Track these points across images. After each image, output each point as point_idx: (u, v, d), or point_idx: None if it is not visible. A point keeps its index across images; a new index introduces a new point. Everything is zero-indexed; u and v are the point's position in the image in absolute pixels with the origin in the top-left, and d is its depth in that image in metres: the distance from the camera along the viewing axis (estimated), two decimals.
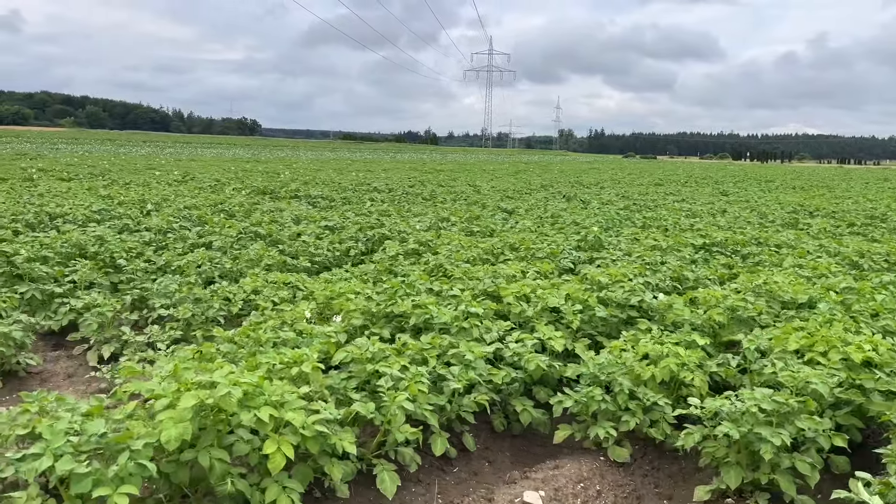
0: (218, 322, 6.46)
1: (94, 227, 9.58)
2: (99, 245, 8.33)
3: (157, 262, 7.77)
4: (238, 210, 11.24)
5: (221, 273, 7.53)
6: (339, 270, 7.83)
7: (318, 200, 13.95)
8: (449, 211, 11.58)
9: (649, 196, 17.84)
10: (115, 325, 6.38)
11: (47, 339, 6.70)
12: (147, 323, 6.61)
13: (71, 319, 6.58)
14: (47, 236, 8.20)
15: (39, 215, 9.68)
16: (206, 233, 9.33)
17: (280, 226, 9.68)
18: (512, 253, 7.97)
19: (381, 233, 9.33)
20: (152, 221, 9.84)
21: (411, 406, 3.84)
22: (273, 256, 8.02)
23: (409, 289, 6.12)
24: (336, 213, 10.76)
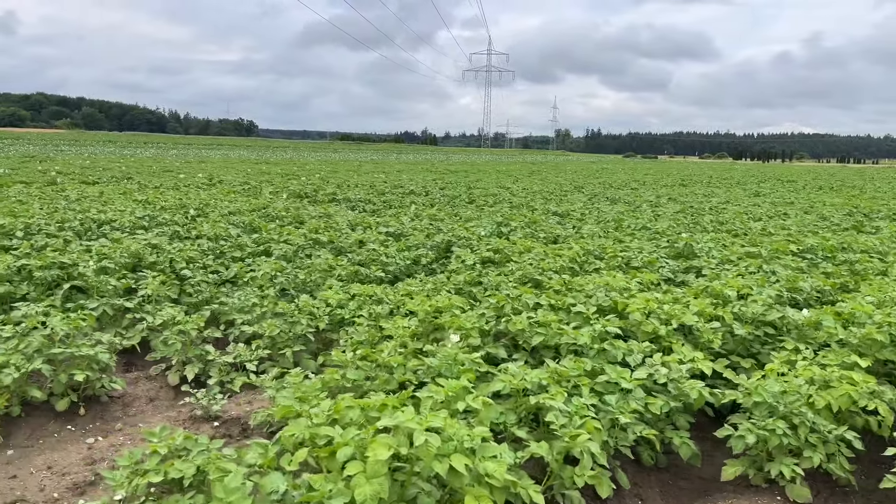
0: (307, 339, 6.01)
1: (142, 234, 9.11)
2: (157, 254, 7.87)
3: (223, 273, 7.30)
4: (286, 215, 10.77)
5: (295, 286, 7.07)
6: (413, 280, 7.38)
7: (357, 204, 13.49)
8: (502, 215, 11.13)
9: (687, 197, 17.41)
10: (195, 344, 5.91)
11: (118, 358, 6.23)
12: (228, 341, 6.17)
13: (143, 336, 6.13)
14: (105, 245, 7.72)
15: (86, 222, 9.19)
16: (263, 240, 8.86)
17: (338, 232, 9.22)
18: (598, 261, 7.53)
19: (446, 239, 8.87)
20: (203, 228, 9.36)
21: (597, 448, 3.40)
22: (344, 266, 7.56)
23: (515, 302, 5.68)
24: (392, 219, 10.30)
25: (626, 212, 12.22)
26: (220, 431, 4.96)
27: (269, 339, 5.92)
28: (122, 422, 5.20)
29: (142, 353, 6.07)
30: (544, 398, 3.71)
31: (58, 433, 4.92)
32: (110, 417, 5.24)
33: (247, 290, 6.53)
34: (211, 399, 5.04)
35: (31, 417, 4.94)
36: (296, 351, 5.89)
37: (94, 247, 7.92)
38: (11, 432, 4.78)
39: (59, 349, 5.01)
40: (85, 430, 5.01)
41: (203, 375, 5.62)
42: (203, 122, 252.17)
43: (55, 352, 4.99)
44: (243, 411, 5.20)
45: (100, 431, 5.02)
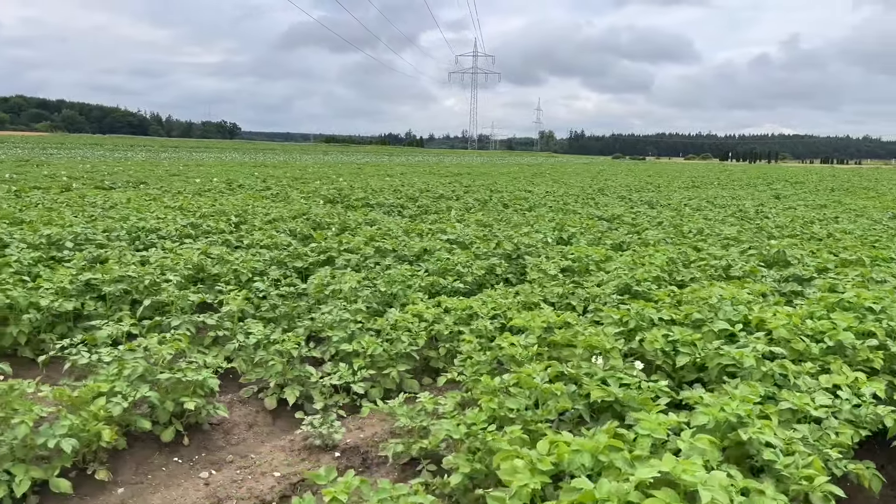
0: (411, 358, 5.63)
1: (191, 242, 8.66)
2: (219, 265, 7.43)
3: (299, 286, 6.87)
4: (331, 222, 10.34)
5: (379, 299, 6.66)
6: (494, 292, 6.99)
7: (392, 209, 13.08)
8: (553, 220, 10.78)
9: (717, 199, 17.18)
10: (293, 364, 5.49)
11: None
12: (322, 360, 5.78)
13: (226, 356, 5.72)
14: (165, 256, 7.27)
15: (132, 231, 8.71)
16: (321, 249, 8.44)
17: (395, 239, 8.82)
18: (685, 270, 7.20)
19: (514, 247, 8.49)
20: (254, 236, 8.93)
21: (835, 490, 3.06)
22: (422, 277, 7.17)
23: (641, 319, 5.33)
24: (445, 225, 9.90)
25: (675, 216, 11.92)
26: (343, 463, 4.57)
27: (368, 358, 5.53)
28: (228, 451, 4.79)
29: (224, 374, 5.65)
30: (754, 432, 3.36)
31: (165, 466, 4.50)
32: (214, 447, 4.82)
33: (337, 303, 6.12)
34: (329, 426, 4.65)
35: (134, 449, 4.52)
36: (401, 371, 5.51)
37: (152, 257, 7.47)
38: (117, 467, 4.36)
39: (166, 374, 4.60)
40: (193, 463, 4.60)
41: (307, 399, 5.24)
42: (185, 125, 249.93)
43: (162, 377, 4.58)
44: (358, 439, 4.80)
45: (209, 463, 4.61)
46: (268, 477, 4.28)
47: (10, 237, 7.98)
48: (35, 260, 7.01)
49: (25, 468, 3.79)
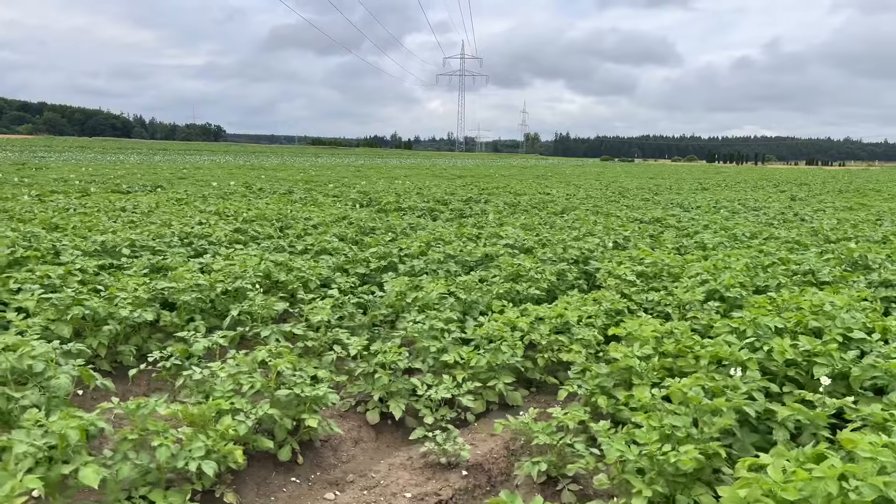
0: (514, 369, 5.44)
1: (242, 248, 8.40)
2: (285, 272, 7.19)
3: (377, 294, 6.64)
4: (378, 226, 10.12)
5: (463, 307, 6.46)
6: (570, 298, 6.81)
7: (424, 213, 12.86)
8: (603, 225, 10.61)
9: (741, 202, 17.11)
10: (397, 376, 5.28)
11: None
12: (418, 372, 5.58)
13: (322, 367, 5.49)
14: (232, 263, 7.01)
15: (185, 237, 8.43)
16: (381, 254, 8.21)
17: (450, 244, 8.60)
18: (764, 274, 7.05)
19: (581, 252, 8.31)
20: (306, 241, 8.68)
21: None
22: (498, 284, 6.97)
23: (756, 328, 5.17)
24: (499, 230, 9.70)
25: (717, 219, 11.78)
26: (470, 482, 4.37)
27: (470, 369, 5.34)
28: (342, 469, 4.59)
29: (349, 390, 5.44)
30: None
31: (285, 487, 4.29)
32: (326, 465, 4.62)
33: (414, 312, 5.90)
34: (453, 443, 4.44)
35: (252, 469, 4.30)
36: (507, 383, 5.32)
37: (214, 264, 7.22)
38: (239, 489, 4.13)
39: (284, 390, 4.38)
40: (311, 483, 4.39)
41: (413, 412, 5.05)
42: (169, 127, 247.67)
43: (281, 394, 4.36)
44: (477, 456, 4.59)
45: (329, 484, 4.40)
46: (399, 499, 4.07)
47: (60, 244, 7.68)
48: (98, 267, 6.73)
49: (163, 494, 3.57)
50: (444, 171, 40.74)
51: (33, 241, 7.85)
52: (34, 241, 7.87)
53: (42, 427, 3.39)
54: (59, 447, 3.35)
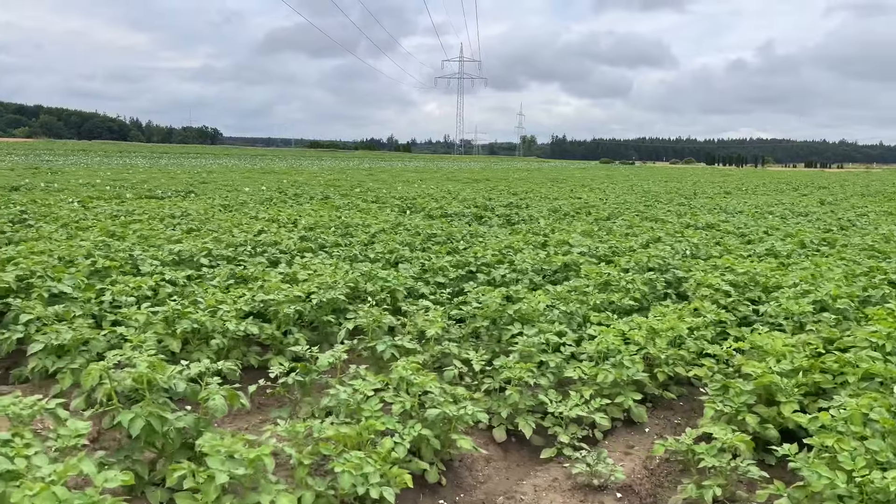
0: (639, 384, 5.29)
1: (312, 256, 8.24)
2: (371, 282, 7.03)
3: (472, 304, 6.47)
4: (435, 233, 9.97)
5: (564, 319, 6.29)
6: (663, 308, 6.66)
7: (471, 219, 12.71)
8: (664, 231, 10.47)
9: (774, 206, 17.01)
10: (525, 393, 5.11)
11: None
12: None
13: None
14: (319, 273, 6.84)
15: (257, 245, 8.26)
16: (458, 263, 8.06)
17: (520, 252, 8.46)
18: (863, 285, 6.93)
19: (661, 261, 8.17)
20: (376, 249, 8.52)
21: None
22: (593, 294, 6.82)
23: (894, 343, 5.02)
24: (565, 237, 9.54)
25: (778, 225, 11.65)
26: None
27: (595, 385, 5.18)
28: (483, 491, 4.44)
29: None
30: None
31: None
32: (466, 485, 4.47)
33: (540, 326, 5.75)
34: (604, 464, 4.29)
35: (401, 493, 4.13)
36: (635, 400, 5.16)
37: (298, 274, 7.06)
38: None
39: (434, 410, 4.23)
40: None
41: (555, 441, 4.88)
42: (166, 130, 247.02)
43: (431, 413, 4.21)
44: (624, 477, 4.43)
45: None
46: None
47: (138, 254, 7.51)
48: (186, 278, 6.56)
49: None
50: (454, 174, 40.59)
51: (103, 249, 7.68)
52: (104, 249, 7.69)
53: (227, 453, 3.24)
54: (246, 475, 3.20)
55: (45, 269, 6.51)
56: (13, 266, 6.41)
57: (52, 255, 7.15)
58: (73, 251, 7.27)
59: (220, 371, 4.54)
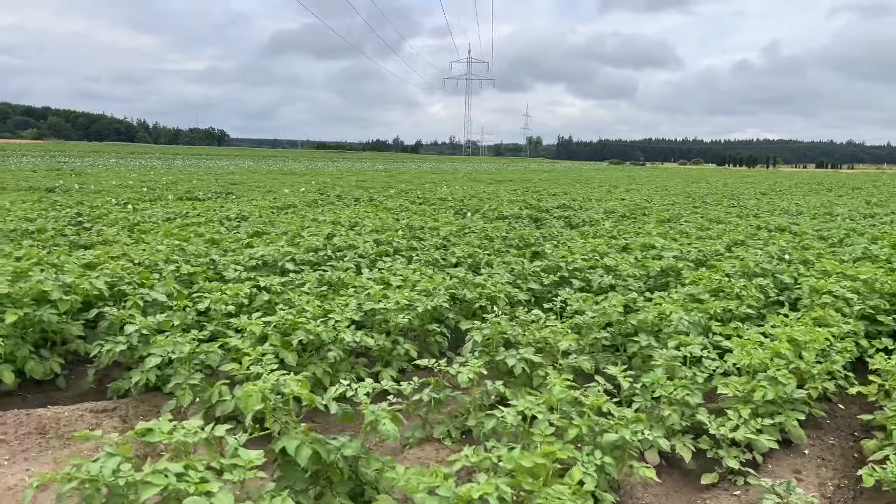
0: (800, 403, 4.88)
1: (390, 261, 7.84)
2: (470, 288, 6.63)
3: (585, 313, 6.06)
4: (507, 235, 9.57)
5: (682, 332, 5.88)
6: (787, 318, 6.23)
7: (528, 221, 12.31)
8: (744, 234, 10.05)
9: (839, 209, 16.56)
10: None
11: None
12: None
13: None
14: (418, 280, 6.44)
15: (336, 249, 7.88)
16: (547, 267, 7.66)
17: (607, 257, 8.05)
18: None
19: (761, 268, 7.75)
20: (456, 252, 8.12)
21: None
22: (711, 303, 6.40)
23: None
24: (648, 240, 9.13)
25: (844, 226, 11.20)
26: None
27: (751, 403, 4.77)
28: None
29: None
30: None
31: None
32: None
33: (680, 339, 5.33)
34: (795, 494, 3.88)
35: None
36: (798, 420, 4.75)
37: (391, 281, 6.66)
38: None
39: (612, 435, 3.82)
40: None
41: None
42: (172, 132, 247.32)
43: (608, 439, 3.81)
44: None
45: None
46: None
47: (220, 260, 7.13)
48: (280, 285, 6.17)
49: None
50: (474, 175, 40.18)
51: (179, 254, 7.30)
52: (180, 254, 7.32)
53: (426, 488, 2.87)
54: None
55: (132, 274, 6.13)
56: (97, 272, 6.03)
57: (130, 261, 6.77)
58: (153, 256, 6.89)
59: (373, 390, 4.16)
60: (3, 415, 4.59)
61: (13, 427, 4.51)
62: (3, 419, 4.55)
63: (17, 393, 5.27)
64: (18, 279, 5.50)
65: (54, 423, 4.67)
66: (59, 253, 6.52)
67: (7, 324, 4.90)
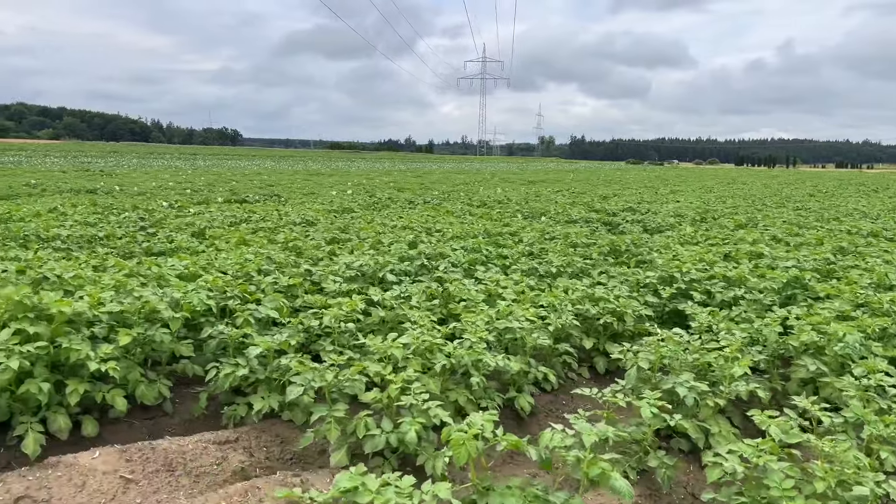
0: None
1: (483, 270, 7.30)
2: (591, 303, 6.08)
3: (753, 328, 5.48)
4: (593, 241, 9.01)
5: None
6: None
7: (597, 225, 11.75)
8: (847, 241, 9.43)
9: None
10: None
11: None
12: None
13: None
14: (536, 295, 5.89)
15: (430, 258, 7.35)
16: (663, 279, 7.09)
17: (713, 266, 7.47)
18: None
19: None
20: (554, 261, 7.57)
21: None
22: (864, 320, 5.81)
23: None
24: (753, 247, 8.54)
25: None
26: None
27: None
28: None
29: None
30: None
31: None
32: None
33: (866, 364, 4.75)
34: None
35: None
36: None
37: (505, 294, 6.12)
38: None
39: (861, 489, 3.26)
40: None
41: None
42: (186, 132, 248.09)
43: (855, 494, 3.24)
44: None
45: None
46: None
47: (307, 268, 6.61)
48: (395, 299, 5.64)
49: None
50: (503, 175, 39.57)
51: (268, 263, 6.79)
52: (268, 263, 6.80)
53: None
54: None
55: (232, 287, 5.62)
56: (193, 285, 5.51)
57: (220, 271, 6.26)
58: (244, 266, 6.38)
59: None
60: (128, 449, 4.08)
61: (140, 463, 4.00)
62: (129, 454, 4.03)
63: (124, 419, 4.78)
64: (118, 293, 5.00)
65: (181, 458, 4.15)
66: (149, 263, 6.01)
67: (121, 346, 4.40)
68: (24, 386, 4.07)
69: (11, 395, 4.15)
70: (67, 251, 7.24)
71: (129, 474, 3.94)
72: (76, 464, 3.92)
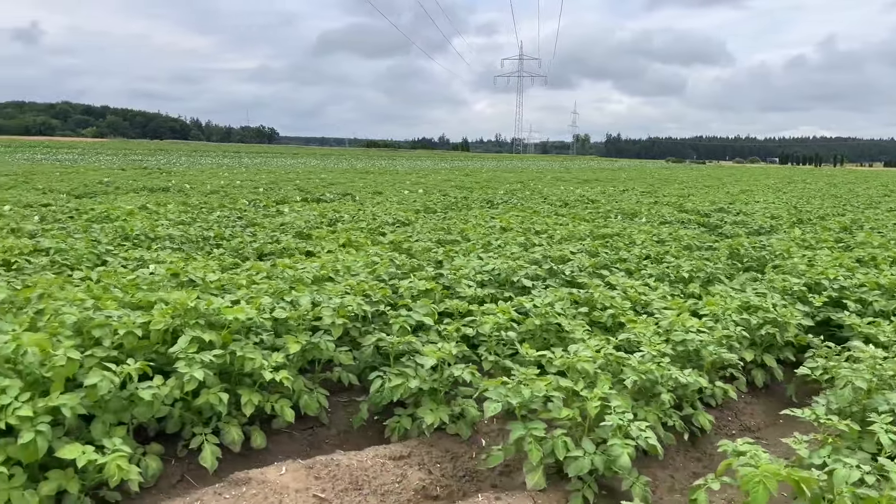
0: None
1: (608, 275, 6.95)
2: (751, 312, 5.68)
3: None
4: (715, 246, 8.61)
5: None
6: None
7: (688, 225, 11.30)
8: None
9: None
10: None
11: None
12: None
13: None
14: (709, 303, 5.53)
15: (556, 262, 7.03)
16: (810, 286, 6.66)
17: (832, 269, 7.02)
18: None
19: None
20: (683, 266, 7.20)
21: None
22: None
23: None
24: (889, 253, 8.06)
25: None
26: None
27: None
28: None
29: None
30: None
31: None
32: None
33: None
34: None
35: None
36: None
37: (652, 305, 5.76)
38: None
39: None
40: None
41: None
42: (224, 130, 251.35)
43: None
44: None
45: None
46: None
47: (440, 272, 6.34)
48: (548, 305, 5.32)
49: None
50: (556, 174, 39.07)
51: (393, 265, 6.53)
52: (393, 265, 6.55)
53: None
54: None
55: (374, 291, 5.36)
56: (333, 287, 5.26)
57: (349, 273, 6.02)
58: (373, 269, 6.13)
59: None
60: (314, 465, 3.83)
61: (329, 481, 3.75)
62: (315, 470, 3.79)
63: (284, 430, 4.56)
64: (274, 298, 4.78)
65: (364, 476, 3.90)
66: (283, 265, 5.79)
67: (291, 354, 4.16)
68: (201, 396, 3.85)
69: (185, 405, 3.94)
70: (181, 251, 7.08)
71: (321, 493, 3.70)
72: (266, 480, 3.69)
